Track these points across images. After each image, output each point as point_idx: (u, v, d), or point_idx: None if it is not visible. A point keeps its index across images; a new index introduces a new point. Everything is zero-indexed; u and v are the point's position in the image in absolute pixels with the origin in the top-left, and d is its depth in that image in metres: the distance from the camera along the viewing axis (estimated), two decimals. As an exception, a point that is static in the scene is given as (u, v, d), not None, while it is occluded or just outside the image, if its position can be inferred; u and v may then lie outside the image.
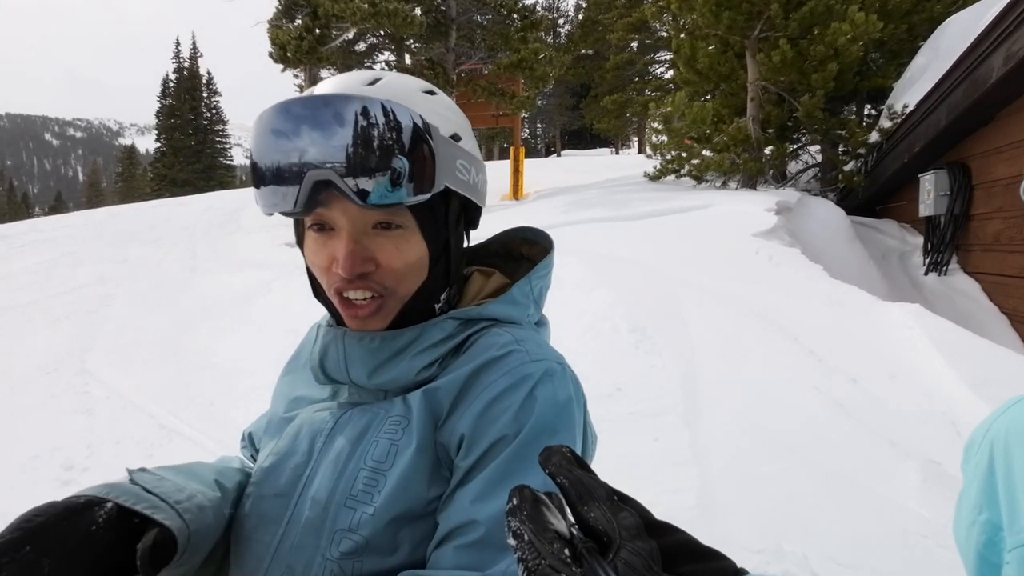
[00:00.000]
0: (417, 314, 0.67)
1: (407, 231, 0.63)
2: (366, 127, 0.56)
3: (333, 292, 0.64)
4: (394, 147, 0.57)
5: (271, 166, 0.59)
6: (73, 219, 11.80)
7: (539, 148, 42.31)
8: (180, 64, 39.31)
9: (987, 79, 4.34)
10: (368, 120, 0.56)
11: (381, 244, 0.63)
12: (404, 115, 0.58)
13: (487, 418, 0.60)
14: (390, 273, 0.63)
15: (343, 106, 0.57)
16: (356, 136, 0.56)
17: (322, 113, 0.57)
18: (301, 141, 0.57)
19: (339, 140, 0.56)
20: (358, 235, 0.62)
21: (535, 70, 10.17)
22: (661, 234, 5.10)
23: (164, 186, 34.36)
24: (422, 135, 0.59)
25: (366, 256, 0.62)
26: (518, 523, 0.30)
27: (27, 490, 2.51)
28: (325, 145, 0.56)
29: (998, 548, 0.60)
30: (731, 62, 7.65)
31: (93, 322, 5.12)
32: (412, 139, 0.58)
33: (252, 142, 0.61)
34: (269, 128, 0.59)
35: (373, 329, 0.65)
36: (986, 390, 2.27)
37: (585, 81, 27.18)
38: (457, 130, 0.67)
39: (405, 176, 0.58)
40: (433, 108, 0.65)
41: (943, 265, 5.26)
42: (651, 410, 2.52)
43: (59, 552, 0.49)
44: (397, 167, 0.57)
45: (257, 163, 0.60)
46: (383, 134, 0.57)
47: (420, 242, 0.64)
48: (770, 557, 1.57)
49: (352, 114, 0.56)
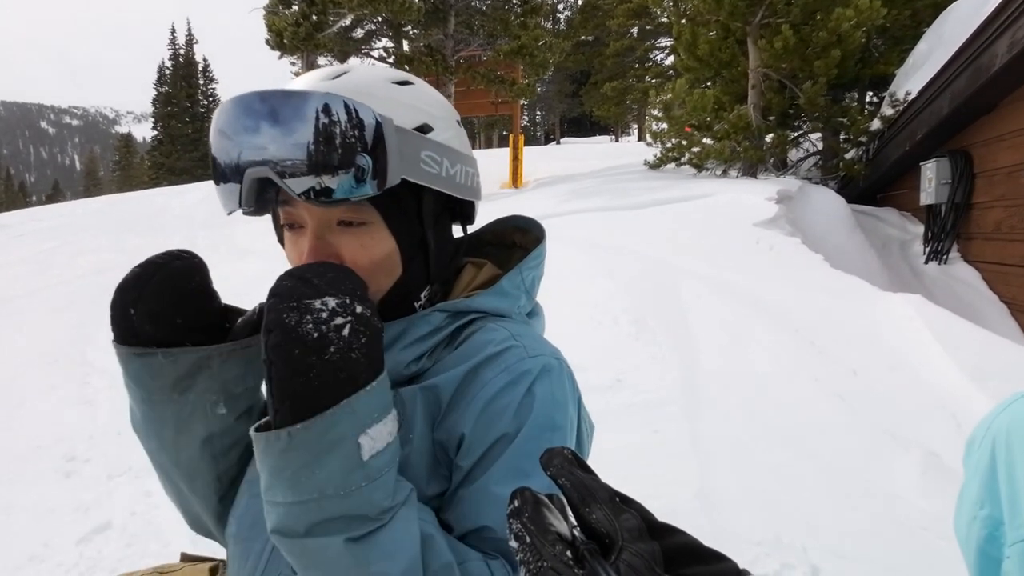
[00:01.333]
0: (392, 314, 0.65)
1: (371, 227, 0.62)
2: (304, 121, 0.55)
3: None
4: (339, 143, 0.56)
5: (219, 165, 0.59)
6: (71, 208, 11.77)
7: (539, 135, 42.10)
8: (176, 51, 38.95)
9: (991, 66, 4.31)
10: (305, 114, 0.55)
11: (346, 241, 0.61)
12: (346, 109, 0.56)
13: (487, 417, 0.59)
14: (355, 271, 0.61)
15: (278, 102, 0.56)
16: (292, 131, 0.55)
17: (258, 109, 0.56)
18: (240, 139, 0.57)
19: (275, 136, 0.55)
20: (321, 232, 0.61)
21: (535, 56, 10.09)
22: (661, 224, 5.08)
23: (162, 174, 34.19)
24: (367, 127, 0.57)
25: (330, 252, 0.61)
26: (520, 525, 0.30)
27: (30, 480, 2.52)
28: (264, 142, 0.56)
29: (999, 543, 0.60)
30: (732, 48, 7.58)
31: (94, 312, 5.12)
32: (354, 131, 0.56)
33: (210, 136, 0.61)
34: (216, 128, 0.59)
35: None
36: (986, 382, 2.27)
37: (585, 68, 26.97)
38: (428, 121, 0.64)
39: (352, 172, 0.56)
40: (397, 98, 0.63)
41: (943, 254, 5.25)
42: (651, 401, 2.52)
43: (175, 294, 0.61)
44: (334, 160, 0.56)
45: (214, 159, 0.60)
46: (323, 128, 0.55)
47: (387, 238, 0.63)
48: (769, 549, 1.58)
49: (288, 109, 0.55)
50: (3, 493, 2.45)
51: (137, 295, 0.60)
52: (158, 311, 0.60)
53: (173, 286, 0.61)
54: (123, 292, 0.60)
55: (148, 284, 0.60)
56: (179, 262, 0.62)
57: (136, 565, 0.65)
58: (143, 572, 0.79)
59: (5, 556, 2.03)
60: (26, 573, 1.94)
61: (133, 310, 0.60)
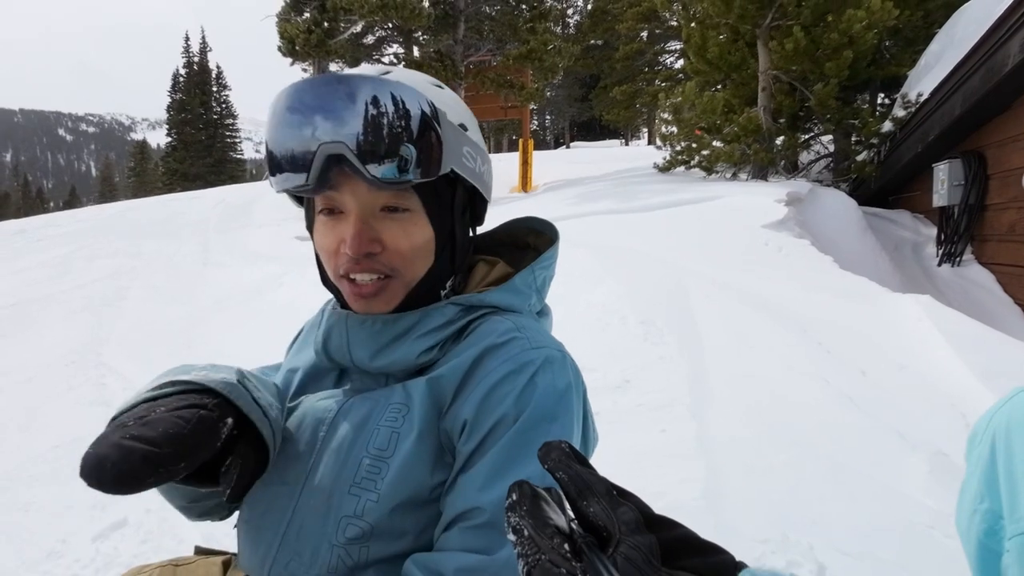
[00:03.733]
0: (422, 300, 0.68)
1: (414, 214, 0.65)
2: (377, 108, 0.58)
3: (340, 275, 0.66)
4: (403, 129, 0.59)
5: (285, 142, 0.61)
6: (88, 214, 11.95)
7: (548, 140, 42.08)
8: (190, 59, 39.48)
9: (1004, 66, 4.26)
10: (379, 102, 0.58)
11: (388, 226, 0.64)
12: (413, 99, 0.60)
13: (488, 403, 0.61)
14: (396, 255, 0.65)
15: (356, 87, 0.59)
16: (367, 116, 0.58)
17: (336, 92, 0.59)
18: (314, 118, 0.59)
19: (351, 118, 0.58)
20: (366, 216, 0.63)
21: (544, 61, 10.12)
22: (670, 226, 5.07)
23: (176, 180, 34.60)
24: (430, 119, 0.61)
25: (373, 237, 0.63)
26: (518, 518, 0.30)
27: (48, 479, 2.57)
28: (337, 122, 0.58)
29: (999, 536, 0.61)
30: (742, 51, 7.55)
31: (109, 315, 5.20)
32: (421, 122, 0.60)
33: (268, 119, 0.63)
34: (284, 106, 0.61)
35: (377, 311, 0.67)
36: (996, 382, 2.25)
37: (594, 72, 26.91)
38: (464, 120, 0.69)
39: (413, 157, 0.60)
40: (441, 98, 0.66)
41: (957, 256, 5.19)
42: (658, 402, 2.52)
43: (195, 461, 0.52)
44: (406, 147, 0.59)
45: (272, 140, 0.62)
46: (393, 116, 0.59)
47: (426, 226, 0.66)
48: (775, 547, 1.57)
49: (364, 94, 0.58)
50: (22, 491, 2.50)
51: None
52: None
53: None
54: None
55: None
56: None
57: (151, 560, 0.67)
58: (158, 564, 0.82)
59: (25, 552, 2.07)
60: (44, 568, 1.98)
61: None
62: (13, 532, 2.21)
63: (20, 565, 2.01)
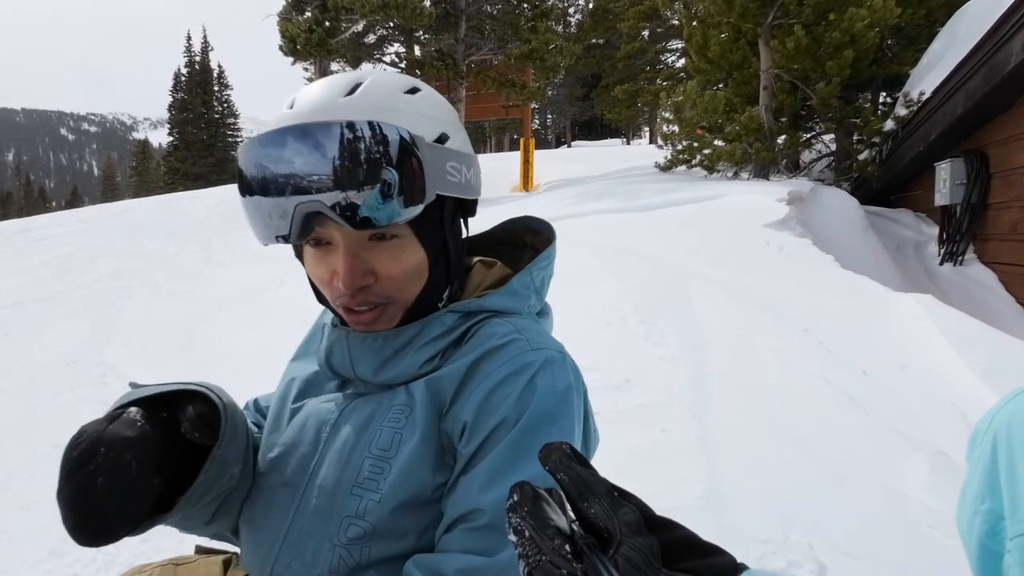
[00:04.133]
0: (421, 314, 0.68)
1: (403, 240, 0.64)
2: (350, 149, 0.56)
3: (337, 305, 0.66)
4: (381, 166, 0.57)
5: (259, 203, 0.59)
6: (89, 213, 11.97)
7: (549, 139, 42.08)
8: (191, 58, 39.55)
9: (1006, 65, 4.26)
10: (352, 142, 0.56)
11: (379, 255, 0.63)
12: (388, 131, 0.57)
13: (488, 405, 0.60)
14: (389, 282, 0.64)
15: (324, 134, 0.56)
16: (340, 161, 0.56)
17: (304, 142, 0.56)
18: (285, 172, 0.57)
19: (323, 167, 0.56)
20: (355, 249, 0.62)
21: (545, 60, 10.11)
22: (671, 225, 5.07)
23: (177, 180, 34.66)
24: (408, 149, 0.58)
25: (365, 269, 0.62)
26: (519, 519, 0.30)
27: (50, 478, 2.57)
28: (310, 174, 0.56)
29: (1000, 537, 0.60)
30: (743, 50, 7.54)
31: (111, 315, 5.21)
32: (399, 155, 0.58)
33: (238, 172, 0.61)
34: (252, 160, 0.59)
35: (378, 330, 0.67)
36: (998, 382, 2.25)
37: (596, 71, 26.90)
38: (444, 129, 0.66)
39: (395, 192, 0.58)
40: (418, 110, 0.64)
41: (959, 255, 5.19)
42: (659, 401, 2.52)
43: (130, 445, 0.54)
44: (385, 185, 0.57)
45: (246, 195, 0.61)
46: (368, 155, 0.56)
47: (417, 249, 0.65)
48: (776, 547, 1.57)
49: (334, 139, 0.56)
50: (24, 490, 2.50)
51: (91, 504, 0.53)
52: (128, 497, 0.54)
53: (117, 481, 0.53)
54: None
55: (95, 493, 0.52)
56: (103, 482, 0.53)
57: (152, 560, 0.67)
58: (159, 564, 0.82)
59: (27, 551, 2.08)
60: (46, 567, 1.99)
61: (122, 533, 0.54)
62: (15, 531, 2.22)
63: (22, 564, 2.01)
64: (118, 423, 0.56)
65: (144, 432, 0.56)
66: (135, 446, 0.55)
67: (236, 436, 0.65)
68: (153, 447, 0.56)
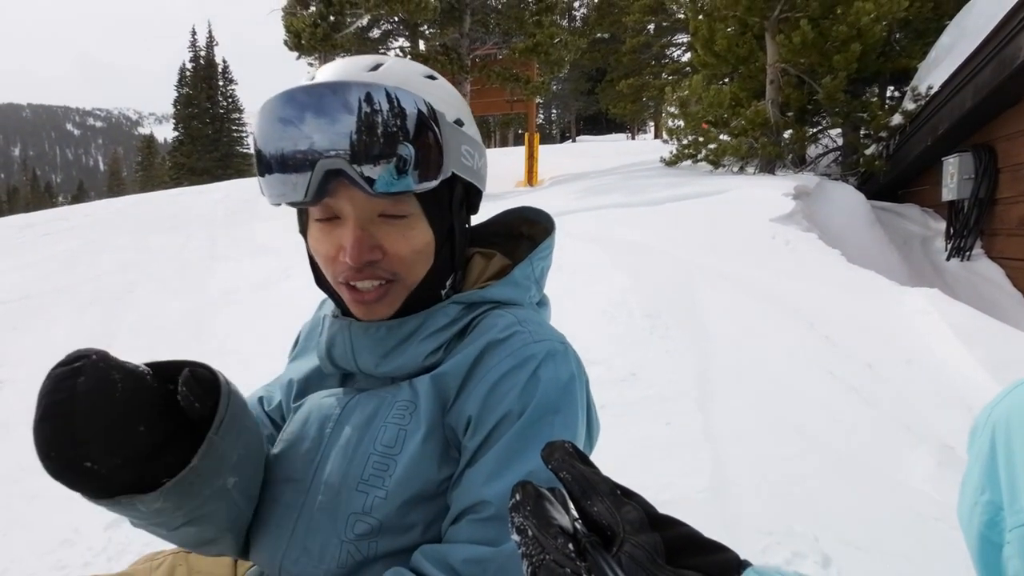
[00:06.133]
0: (423, 301, 0.67)
1: (413, 218, 0.63)
2: (373, 115, 0.56)
3: (340, 281, 0.64)
4: (401, 134, 0.57)
5: (278, 155, 0.58)
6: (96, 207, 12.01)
7: (554, 134, 41.95)
8: (196, 53, 39.58)
9: (1015, 59, 4.22)
10: (375, 107, 0.56)
11: (387, 232, 0.63)
12: (410, 101, 0.57)
13: (492, 398, 0.60)
14: (397, 260, 0.63)
15: (350, 94, 0.56)
16: (364, 124, 0.56)
17: (329, 101, 0.56)
18: (308, 129, 0.56)
19: (347, 128, 0.56)
20: (364, 223, 0.62)
21: (550, 54, 10.05)
22: (677, 220, 5.06)
23: (183, 174, 34.73)
24: (428, 121, 0.59)
25: (373, 244, 0.62)
26: (522, 519, 0.30)
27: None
28: (333, 133, 0.56)
29: (999, 528, 0.61)
30: (750, 44, 7.49)
31: (118, 309, 5.24)
32: (419, 125, 0.58)
33: (256, 131, 0.60)
34: (275, 116, 0.58)
35: (379, 316, 0.66)
36: (1004, 375, 2.24)
37: (601, 65, 26.79)
38: (460, 115, 0.67)
39: (412, 163, 0.58)
40: (436, 93, 0.64)
41: (966, 250, 5.16)
42: (664, 394, 2.52)
43: (120, 368, 0.52)
44: (405, 154, 0.57)
45: (263, 152, 0.60)
46: (390, 121, 0.56)
47: (426, 229, 0.64)
48: (780, 538, 1.58)
49: (358, 101, 0.56)
50: (32, 482, 2.53)
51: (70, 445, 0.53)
52: (107, 443, 0.52)
53: (97, 415, 0.51)
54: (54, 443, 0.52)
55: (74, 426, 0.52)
56: (83, 381, 0.51)
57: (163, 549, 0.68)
58: (171, 551, 0.83)
59: (38, 541, 2.11)
60: (58, 556, 2.01)
61: (89, 464, 0.52)
62: (27, 521, 2.25)
63: (33, 554, 2.04)
64: (108, 360, 0.53)
65: (141, 373, 0.54)
66: (126, 374, 0.52)
67: (235, 429, 0.59)
68: (146, 392, 0.53)
